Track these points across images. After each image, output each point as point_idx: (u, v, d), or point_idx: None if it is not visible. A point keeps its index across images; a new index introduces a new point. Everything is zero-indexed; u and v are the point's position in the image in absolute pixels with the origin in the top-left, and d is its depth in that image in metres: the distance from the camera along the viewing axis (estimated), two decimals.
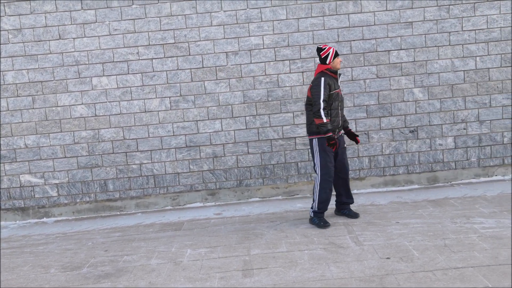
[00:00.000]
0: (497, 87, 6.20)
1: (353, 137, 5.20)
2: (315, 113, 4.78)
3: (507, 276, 3.46)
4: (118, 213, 6.27)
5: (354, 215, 5.14)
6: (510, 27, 6.11)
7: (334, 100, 4.86)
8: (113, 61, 6.06)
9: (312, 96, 4.84)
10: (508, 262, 3.70)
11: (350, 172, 6.24)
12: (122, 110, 6.14)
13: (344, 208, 5.23)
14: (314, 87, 4.83)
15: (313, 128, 4.92)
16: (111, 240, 5.14)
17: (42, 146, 6.15)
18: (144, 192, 6.28)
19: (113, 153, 6.19)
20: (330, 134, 4.75)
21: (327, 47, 4.92)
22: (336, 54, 4.93)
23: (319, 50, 4.96)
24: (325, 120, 4.73)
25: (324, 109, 4.74)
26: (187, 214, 5.91)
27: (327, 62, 4.90)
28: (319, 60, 4.96)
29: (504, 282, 3.36)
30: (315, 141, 4.91)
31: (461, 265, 3.70)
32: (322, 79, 4.79)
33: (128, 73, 6.09)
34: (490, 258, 3.78)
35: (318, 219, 4.97)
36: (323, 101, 4.74)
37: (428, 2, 6.05)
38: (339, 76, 5.02)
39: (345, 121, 5.21)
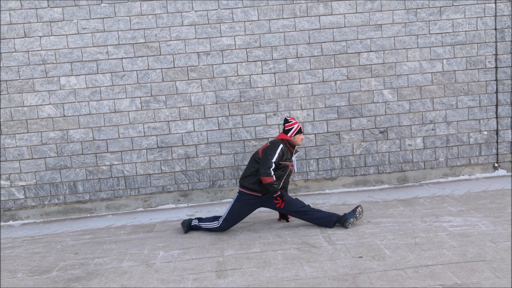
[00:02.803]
0: (463, 89, 6.37)
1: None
2: (262, 173, 4.69)
3: (475, 273, 3.56)
4: (88, 215, 6.15)
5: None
6: (475, 31, 6.29)
7: (281, 171, 4.83)
8: (82, 61, 5.94)
9: (262, 156, 4.80)
10: (476, 259, 3.81)
11: (322, 172, 6.32)
12: (92, 110, 6.02)
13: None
14: (269, 149, 4.80)
15: (248, 183, 4.87)
16: (81, 242, 5.03)
17: (7, 147, 5.97)
18: (114, 194, 6.17)
19: (82, 154, 6.06)
20: (279, 192, 4.80)
21: (293, 122, 4.94)
22: (299, 131, 4.93)
23: (285, 121, 5.00)
24: (274, 178, 4.72)
25: (272, 169, 4.75)
26: (159, 215, 5.85)
27: (289, 135, 4.91)
28: (283, 129, 4.99)
29: (472, 278, 3.46)
30: (242, 195, 4.90)
31: (431, 263, 3.78)
32: (281, 146, 4.80)
33: (98, 73, 5.97)
34: (459, 255, 3.88)
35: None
36: (274, 163, 4.73)
37: (397, 5, 6.17)
38: (295, 152, 5.03)
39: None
